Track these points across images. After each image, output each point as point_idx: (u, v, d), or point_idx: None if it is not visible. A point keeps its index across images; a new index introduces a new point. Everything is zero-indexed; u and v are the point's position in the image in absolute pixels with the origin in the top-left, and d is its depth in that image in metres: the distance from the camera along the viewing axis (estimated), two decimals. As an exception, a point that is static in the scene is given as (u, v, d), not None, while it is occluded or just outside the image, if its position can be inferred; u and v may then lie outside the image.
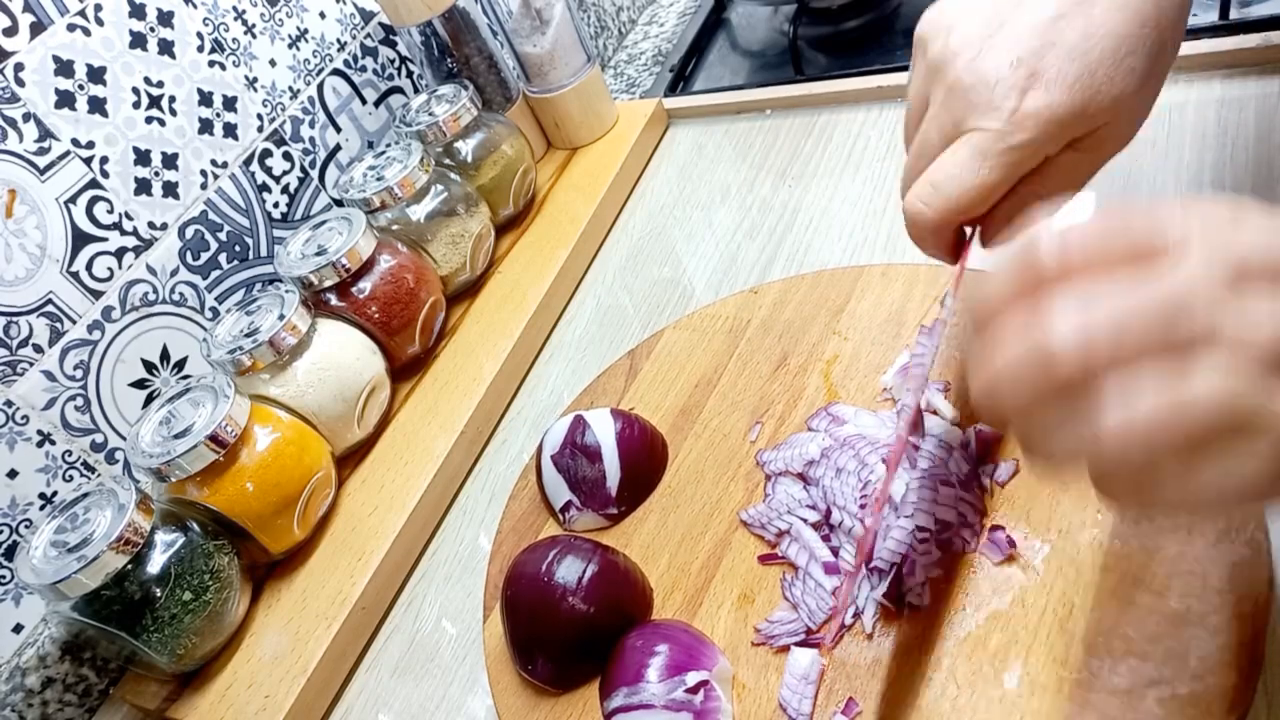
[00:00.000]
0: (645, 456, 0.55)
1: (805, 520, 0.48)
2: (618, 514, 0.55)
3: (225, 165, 0.69)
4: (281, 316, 0.61)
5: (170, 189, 0.66)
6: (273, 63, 0.72)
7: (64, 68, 0.60)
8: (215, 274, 0.69)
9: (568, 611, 0.46)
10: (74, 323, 0.60)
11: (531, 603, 0.47)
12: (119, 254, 0.63)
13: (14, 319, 0.57)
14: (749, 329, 0.61)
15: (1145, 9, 0.37)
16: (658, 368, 0.62)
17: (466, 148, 0.76)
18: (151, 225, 0.65)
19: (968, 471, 0.47)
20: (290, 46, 0.74)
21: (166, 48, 0.65)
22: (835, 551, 0.47)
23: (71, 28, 0.60)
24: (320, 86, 0.76)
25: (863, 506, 0.47)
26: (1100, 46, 0.37)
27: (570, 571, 0.47)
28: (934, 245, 0.41)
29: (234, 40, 0.70)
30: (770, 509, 0.50)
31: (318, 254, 0.65)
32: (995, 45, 0.39)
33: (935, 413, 0.50)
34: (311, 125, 0.75)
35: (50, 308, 0.59)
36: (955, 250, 0.42)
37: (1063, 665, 0.39)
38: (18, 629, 0.57)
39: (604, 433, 0.55)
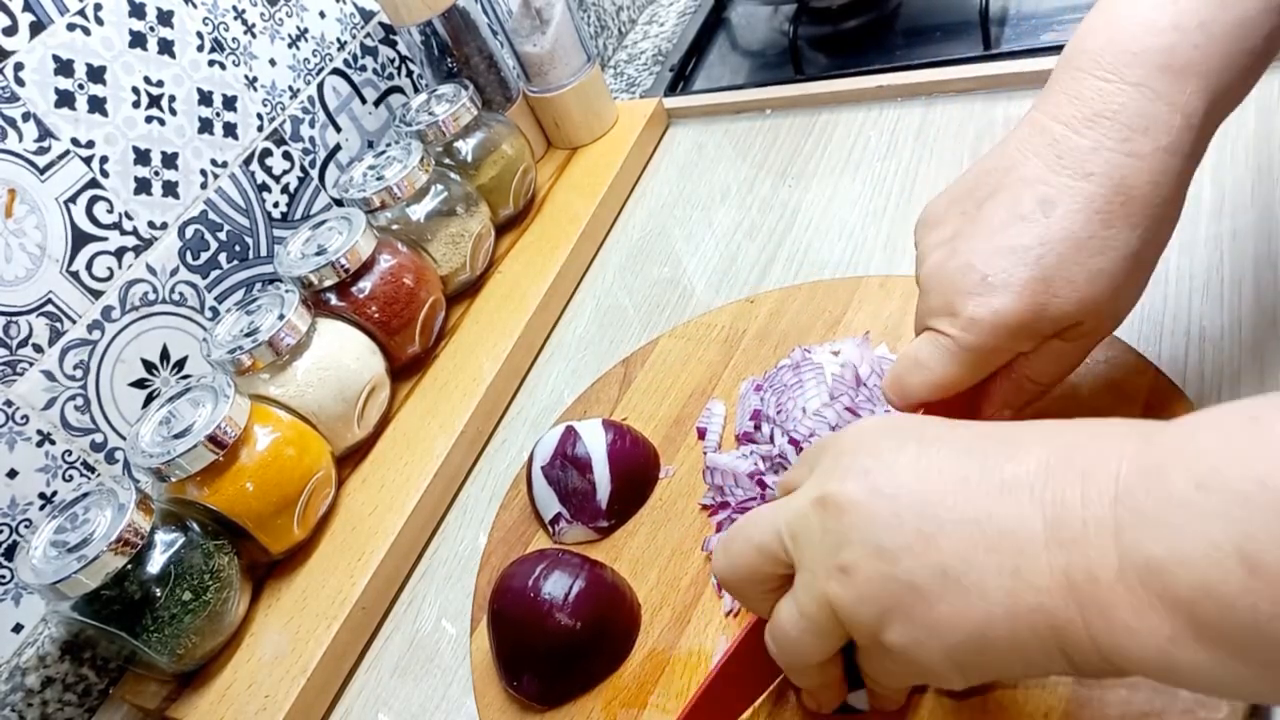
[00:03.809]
0: (637, 469, 0.55)
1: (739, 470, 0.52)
2: (608, 527, 0.54)
3: (225, 165, 0.69)
4: (281, 316, 0.61)
5: (170, 188, 0.66)
6: (272, 62, 0.72)
7: (64, 67, 0.60)
8: (215, 274, 0.69)
9: (555, 627, 0.46)
10: (74, 322, 0.60)
11: (518, 618, 0.47)
12: (119, 254, 0.63)
13: (14, 319, 0.57)
14: (744, 339, 0.61)
15: (1111, 209, 0.36)
16: (652, 377, 0.62)
17: (466, 147, 0.76)
18: (151, 225, 0.65)
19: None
20: (290, 46, 0.74)
21: (166, 47, 0.65)
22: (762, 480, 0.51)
23: (71, 27, 0.60)
24: (320, 86, 0.76)
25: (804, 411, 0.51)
26: (1056, 251, 0.37)
27: (558, 587, 0.47)
28: None
29: (234, 40, 0.70)
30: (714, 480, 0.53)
31: (318, 254, 0.65)
32: (956, 248, 0.39)
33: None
34: (311, 125, 0.75)
35: (50, 307, 0.59)
36: None
37: (1051, 694, 0.38)
38: (18, 629, 0.57)
39: (595, 444, 0.54)
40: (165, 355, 0.66)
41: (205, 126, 0.68)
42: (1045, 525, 0.28)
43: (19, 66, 0.58)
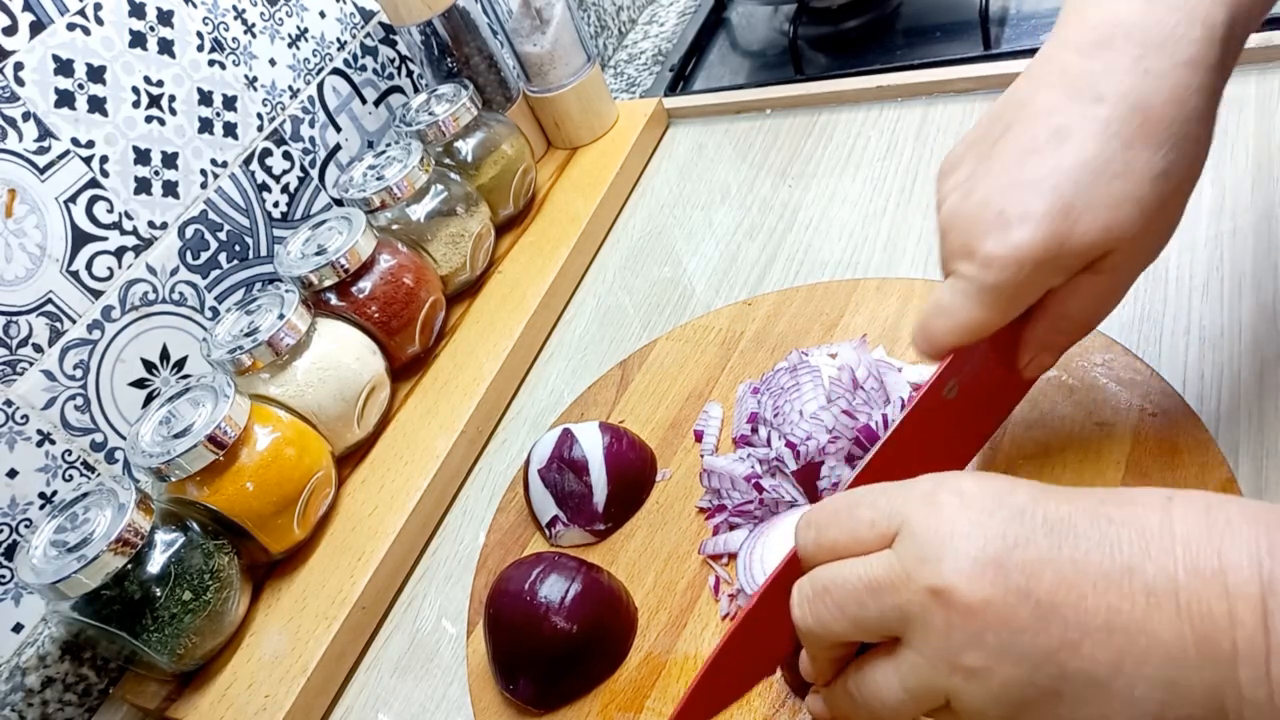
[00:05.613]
0: (633, 472, 0.55)
1: (736, 473, 0.52)
2: (605, 530, 0.54)
3: (225, 164, 0.69)
4: (281, 316, 0.61)
5: (170, 188, 0.66)
6: (272, 62, 0.72)
7: (64, 67, 0.60)
8: (215, 273, 0.69)
9: (551, 630, 0.46)
10: (74, 322, 0.60)
11: (514, 621, 0.47)
12: (119, 253, 0.63)
13: (14, 318, 0.57)
14: (742, 341, 0.61)
15: (1129, 131, 0.35)
16: (649, 379, 0.62)
17: (466, 147, 0.76)
18: (151, 224, 0.65)
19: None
20: (290, 46, 0.74)
21: (166, 47, 0.65)
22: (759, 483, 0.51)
23: (71, 27, 0.60)
24: (320, 86, 0.76)
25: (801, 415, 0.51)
26: (1073, 179, 0.35)
27: (554, 590, 0.47)
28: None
29: (234, 39, 0.70)
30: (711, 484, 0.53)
31: (318, 254, 0.65)
32: (973, 187, 0.38)
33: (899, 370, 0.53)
34: (311, 125, 0.75)
35: (50, 307, 0.59)
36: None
37: None
38: (18, 629, 0.57)
39: (592, 447, 0.54)
40: (165, 355, 0.66)
41: (205, 126, 0.68)
42: (1195, 640, 0.27)
43: (19, 66, 0.58)
